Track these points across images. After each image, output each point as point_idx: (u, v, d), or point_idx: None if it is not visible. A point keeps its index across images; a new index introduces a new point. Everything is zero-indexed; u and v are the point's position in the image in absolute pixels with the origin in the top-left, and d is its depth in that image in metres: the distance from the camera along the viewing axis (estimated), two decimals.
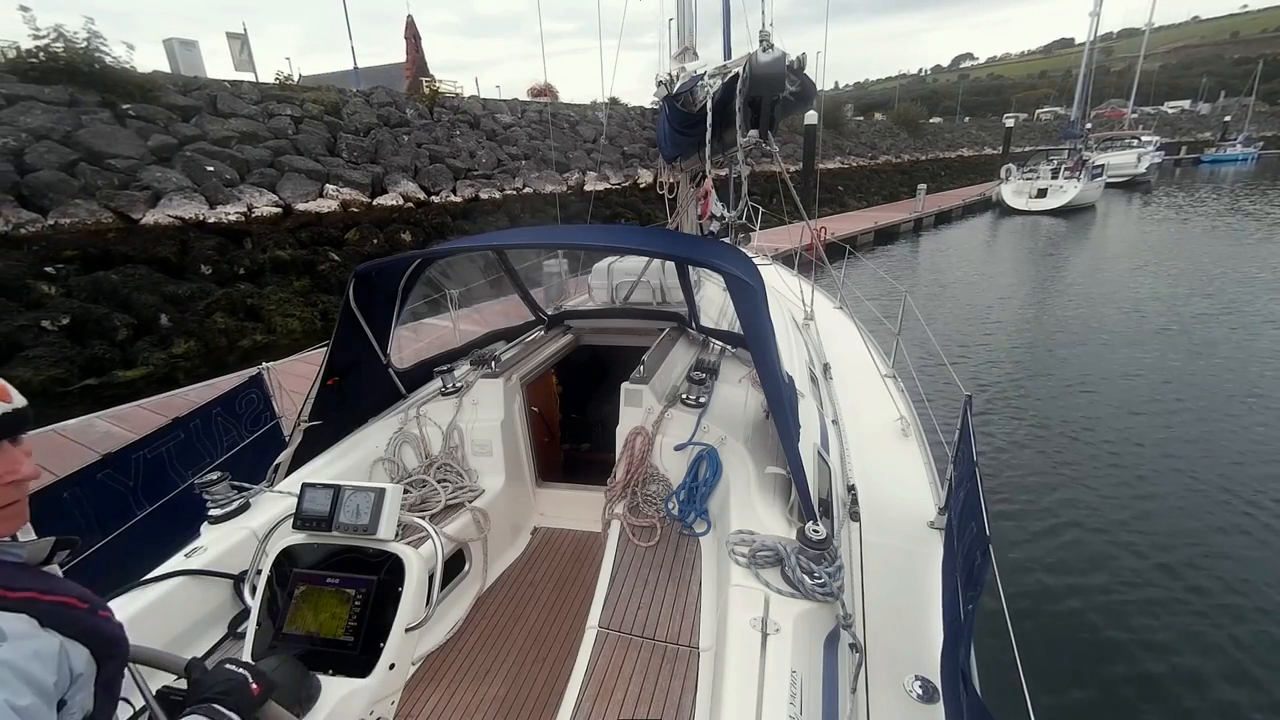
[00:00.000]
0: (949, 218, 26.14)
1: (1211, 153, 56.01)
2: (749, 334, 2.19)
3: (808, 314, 5.36)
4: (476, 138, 18.51)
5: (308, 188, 13.07)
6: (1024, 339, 10.40)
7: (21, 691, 0.76)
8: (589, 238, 3.29)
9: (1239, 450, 6.16)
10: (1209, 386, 7.85)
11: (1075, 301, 12.62)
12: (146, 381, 8.33)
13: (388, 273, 2.84)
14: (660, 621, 2.04)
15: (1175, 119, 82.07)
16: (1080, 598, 4.26)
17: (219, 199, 11.53)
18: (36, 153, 10.09)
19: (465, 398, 3.07)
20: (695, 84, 3.48)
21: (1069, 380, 8.30)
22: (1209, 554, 4.63)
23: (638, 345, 3.49)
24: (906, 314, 4.33)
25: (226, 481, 2.40)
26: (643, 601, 2.11)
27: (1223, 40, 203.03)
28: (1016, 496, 5.52)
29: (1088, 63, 30.27)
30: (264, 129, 13.95)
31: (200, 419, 3.68)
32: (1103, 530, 4.98)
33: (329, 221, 12.82)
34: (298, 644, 1.88)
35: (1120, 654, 3.79)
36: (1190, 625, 3.99)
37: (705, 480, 2.46)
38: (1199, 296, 12.23)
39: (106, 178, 10.53)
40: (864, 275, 11.72)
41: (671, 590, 2.15)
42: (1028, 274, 16.30)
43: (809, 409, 2.80)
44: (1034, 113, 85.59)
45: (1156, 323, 10.72)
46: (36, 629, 0.84)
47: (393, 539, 2.04)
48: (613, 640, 1.99)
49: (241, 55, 19.99)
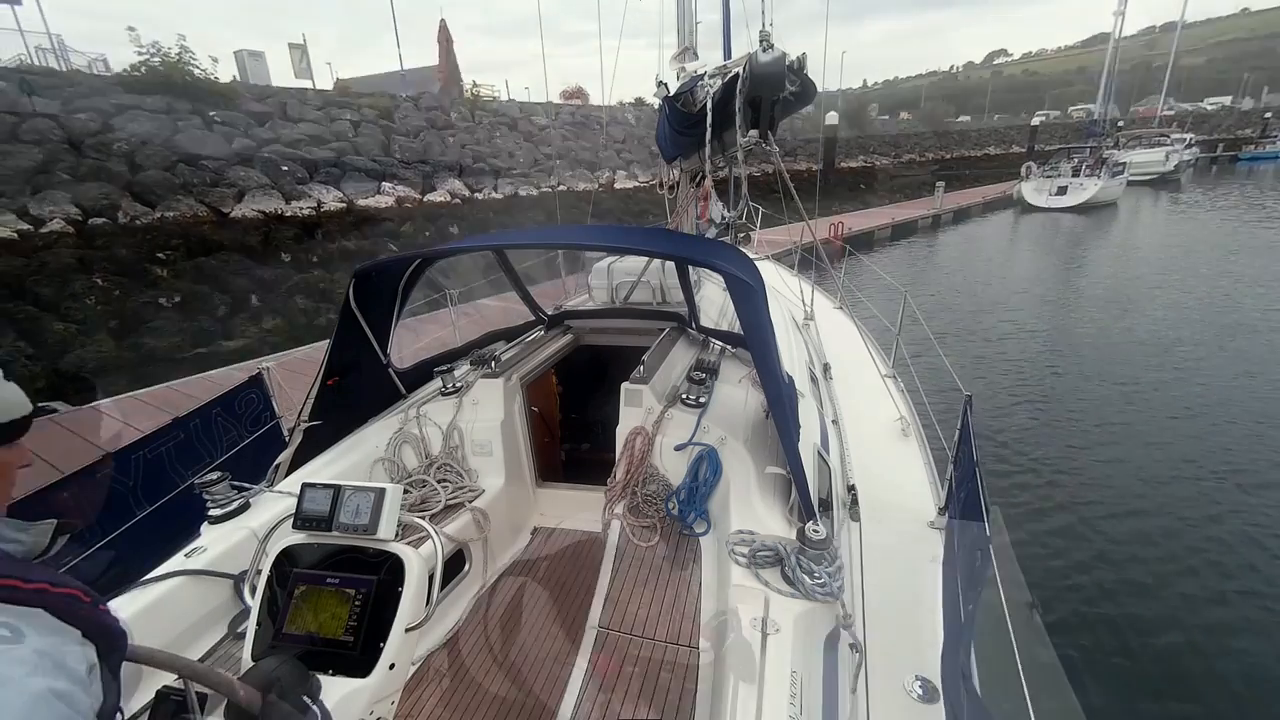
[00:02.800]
0: (968, 214, 26.41)
1: (1250, 150, 53.52)
2: (749, 334, 2.19)
3: (808, 314, 5.35)
4: (515, 139, 19.91)
5: (367, 185, 14.54)
6: (1033, 329, 10.56)
7: (59, 677, 0.77)
8: (589, 238, 3.29)
9: (1238, 449, 6.16)
10: (1199, 374, 7.90)
11: (1092, 295, 12.96)
12: (242, 353, 9.23)
13: (388, 273, 2.84)
14: (660, 621, 2.04)
15: (1214, 115, 79.64)
16: (1081, 597, 4.26)
17: (293, 195, 13.17)
18: (144, 155, 11.98)
19: (465, 398, 3.07)
20: (695, 84, 3.48)
21: (1061, 369, 8.36)
22: (1214, 556, 4.63)
23: (638, 345, 3.49)
24: (906, 314, 4.32)
25: (226, 481, 2.40)
26: (643, 601, 2.11)
27: (1274, 33, 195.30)
28: (1017, 496, 5.52)
29: (1111, 60, 30.41)
30: (328, 132, 15.63)
31: (200, 419, 3.68)
32: (1105, 530, 4.98)
33: (385, 215, 14.08)
34: (298, 644, 1.87)
35: (1121, 653, 3.79)
36: (1191, 625, 3.99)
37: (705, 480, 2.46)
38: (1192, 286, 12.80)
39: (200, 176, 12.28)
40: (864, 275, 11.74)
41: (671, 590, 2.15)
42: (1044, 265, 16.72)
43: (809, 409, 2.80)
44: (1067, 110, 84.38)
45: (1159, 315, 10.97)
46: (57, 621, 0.84)
47: (393, 539, 2.04)
48: (613, 640, 1.99)
49: (300, 64, 22.03)
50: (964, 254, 19.16)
